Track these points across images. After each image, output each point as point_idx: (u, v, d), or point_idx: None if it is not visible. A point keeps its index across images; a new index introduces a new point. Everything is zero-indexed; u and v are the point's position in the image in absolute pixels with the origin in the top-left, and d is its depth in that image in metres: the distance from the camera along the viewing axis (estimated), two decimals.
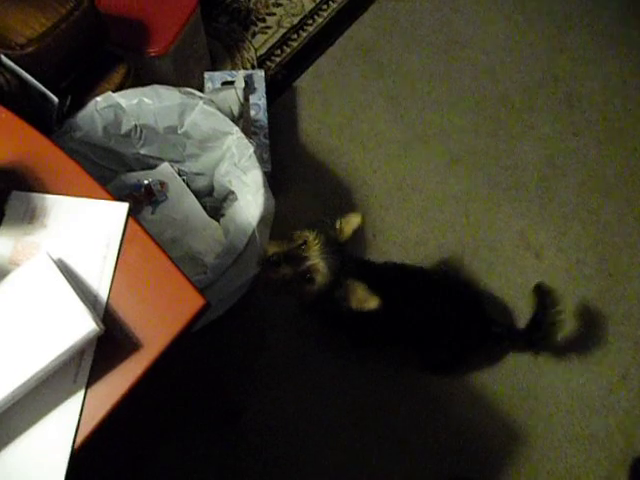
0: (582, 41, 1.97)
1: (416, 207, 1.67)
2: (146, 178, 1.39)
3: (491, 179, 1.73)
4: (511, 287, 1.60)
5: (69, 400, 0.63)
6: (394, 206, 1.67)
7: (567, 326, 1.54)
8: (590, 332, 1.56)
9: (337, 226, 1.13)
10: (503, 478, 1.41)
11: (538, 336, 1.37)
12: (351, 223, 1.13)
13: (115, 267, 0.67)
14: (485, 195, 1.71)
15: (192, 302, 0.66)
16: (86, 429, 0.63)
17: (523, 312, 1.56)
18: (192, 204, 1.41)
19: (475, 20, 1.98)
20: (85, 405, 0.63)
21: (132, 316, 0.66)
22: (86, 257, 0.67)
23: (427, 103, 1.82)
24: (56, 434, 0.61)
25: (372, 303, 1.06)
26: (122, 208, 0.70)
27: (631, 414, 1.49)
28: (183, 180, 1.42)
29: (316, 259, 1.08)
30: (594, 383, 1.51)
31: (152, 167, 1.41)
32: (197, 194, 1.42)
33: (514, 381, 1.49)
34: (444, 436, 1.44)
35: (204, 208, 1.41)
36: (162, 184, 1.40)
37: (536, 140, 1.79)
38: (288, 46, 1.84)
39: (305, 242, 1.11)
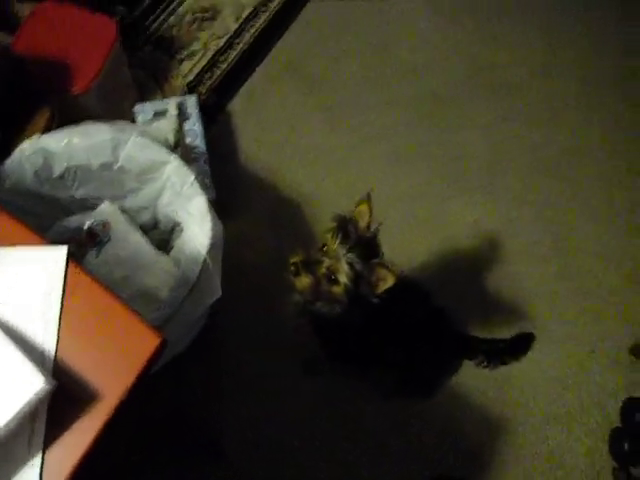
0: (502, 31, 2.02)
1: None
2: (87, 220, 1.33)
3: (435, 173, 1.74)
4: (472, 277, 1.61)
5: (24, 470, 0.57)
6: (345, 212, 1.65)
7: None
8: (554, 312, 1.59)
9: (352, 221, 1.09)
10: (489, 468, 1.41)
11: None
12: (362, 214, 1.10)
13: (60, 316, 0.63)
14: (434, 190, 1.72)
15: (148, 341, 0.62)
16: None
17: (487, 302, 1.57)
18: (138, 240, 1.36)
19: (398, 21, 2.00)
20: (45, 469, 0.58)
21: (85, 365, 0.62)
22: (26, 309, 0.63)
23: (363, 108, 1.82)
24: None
25: (390, 279, 1.01)
26: (60, 251, 0.65)
27: (603, 387, 1.50)
28: (126, 217, 1.37)
29: (333, 259, 1.04)
30: (564, 362, 1.53)
31: (92, 208, 1.35)
32: (142, 229, 1.37)
33: (487, 373, 1.48)
34: (428, 438, 1.42)
35: (151, 242, 1.37)
36: (104, 224, 1.34)
37: (474, 130, 1.82)
38: (217, 68, 1.81)
39: (324, 245, 1.07)
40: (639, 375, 1.51)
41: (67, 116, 1.31)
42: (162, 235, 1.40)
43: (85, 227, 1.32)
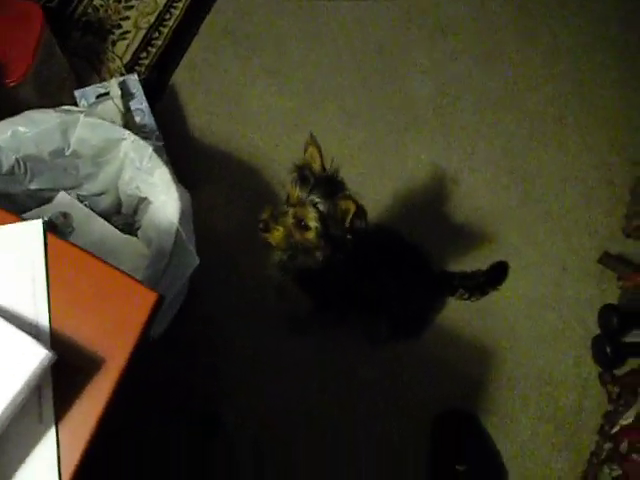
0: None
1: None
2: (45, 214, 1.29)
3: (390, 123, 1.75)
4: (439, 217, 1.63)
5: (41, 443, 0.56)
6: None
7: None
8: (522, 237, 1.63)
9: (306, 166, 1.08)
10: (486, 396, 1.45)
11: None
12: (313, 155, 1.09)
13: (48, 289, 0.60)
14: (390, 140, 1.72)
15: (144, 299, 0.61)
16: (69, 468, 0.56)
17: (457, 238, 1.60)
18: (102, 226, 1.32)
19: None
20: (61, 442, 0.56)
21: (83, 334, 0.60)
22: (11, 287, 0.60)
23: (308, 67, 1.80)
24: None
25: (351, 205, 1.01)
26: (36, 225, 0.63)
27: (579, 300, 1.56)
28: (85, 205, 1.33)
29: (298, 205, 1.03)
30: (540, 282, 1.58)
31: (48, 201, 1.30)
32: (104, 216, 1.33)
33: (468, 305, 1.51)
34: (423, 378, 1.45)
35: (116, 228, 1.33)
36: (64, 215, 1.30)
37: (421, 74, 1.82)
38: (152, 46, 1.76)
39: (288, 196, 1.06)
40: (610, 283, 1.57)
41: (5, 110, 1.25)
42: (126, 219, 1.36)
43: (45, 221, 1.27)
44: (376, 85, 1.80)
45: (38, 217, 1.23)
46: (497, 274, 1.52)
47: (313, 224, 1.03)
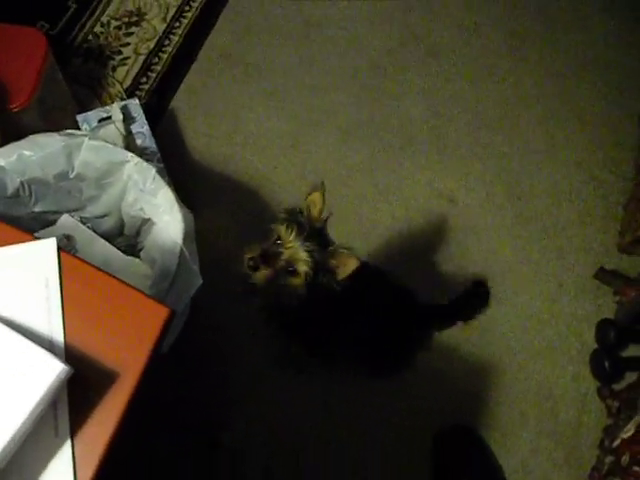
0: None
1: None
2: (49, 236, 1.29)
3: (385, 143, 1.78)
4: (435, 235, 1.65)
5: (57, 456, 0.57)
6: (303, 194, 1.66)
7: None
8: (519, 255, 1.65)
9: (304, 212, 1.08)
10: (486, 412, 1.45)
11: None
12: (316, 203, 1.08)
13: (62, 305, 0.62)
14: (385, 160, 1.75)
15: (156, 314, 0.63)
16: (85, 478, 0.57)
17: (454, 257, 1.62)
18: (105, 248, 1.34)
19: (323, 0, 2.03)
20: (76, 455, 0.57)
21: (97, 348, 0.61)
22: (27, 303, 0.62)
23: (304, 90, 1.84)
24: None
25: (353, 262, 1.01)
26: (50, 244, 0.65)
27: (576, 315, 1.58)
28: (88, 227, 1.34)
29: (292, 249, 1.03)
30: (536, 299, 1.60)
31: (52, 223, 1.32)
32: (107, 238, 1.35)
33: (467, 323, 1.53)
34: (422, 397, 1.46)
35: (118, 250, 1.35)
36: (68, 238, 1.32)
37: (415, 95, 1.86)
38: (152, 71, 1.79)
39: (278, 237, 1.06)
40: (606, 298, 1.59)
41: (9, 135, 1.27)
42: (128, 241, 1.38)
43: None
44: (371, 106, 1.84)
45: (43, 238, 1.27)
46: (479, 293, 1.55)
47: (304, 270, 1.03)
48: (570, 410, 1.47)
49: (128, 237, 1.38)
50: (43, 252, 0.64)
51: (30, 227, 1.27)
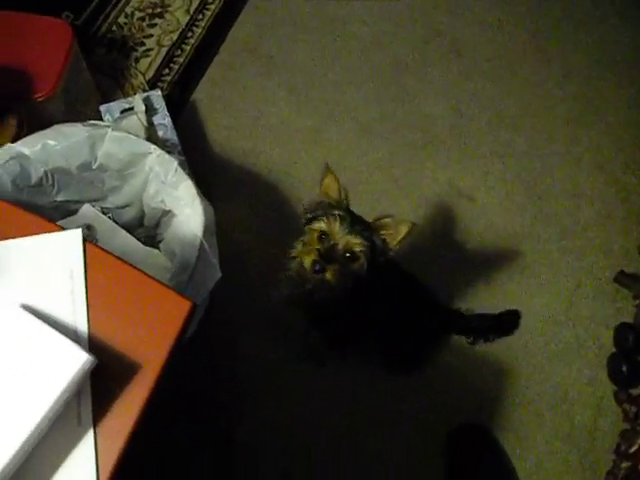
0: None
1: (344, 185, 1.68)
2: (70, 226, 1.31)
3: (406, 140, 1.77)
4: (456, 234, 1.64)
5: (80, 445, 0.58)
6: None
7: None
8: (537, 256, 1.64)
9: (327, 200, 1.10)
10: (501, 412, 1.45)
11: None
12: (332, 187, 1.11)
13: (86, 296, 0.63)
14: (405, 157, 1.75)
15: (179, 307, 0.63)
16: (107, 469, 0.58)
17: (472, 256, 1.61)
18: (125, 239, 1.35)
19: None
20: (98, 444, 0.58)
21: (120, 340, 0.62)
22: (52, 292, 0.63)
23: (326, 85, 1.84)
24: None
25: (405, 225, 1.03)
26: (76, 235, 0.65)
27: (594, 318, 1.56)
28: (109, 218, 1.36)
29: (343, 237, 1.04)
30: (555, 300, 1.58)
31: (73, 213, 1.33)
32: (127, 229, 1.36)
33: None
34: (437, 396, 1.45)
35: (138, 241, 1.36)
36: (88, 227, 1.33)
37: (436, 93, 1.85)
38: (175, 63, 1.80)
39: (323, 232, 1.07)
40: (625, 302, 1.57)
41: (35, 124, 1.29)
42: (148, 232, 1.39)
43: None
44: (393, 102, 1.83)
45: (65, 228, 1.28)
46: (507, 322, 1.53)
47: (361, 250, 1.05)
48: (586, 414, 1.46)
49: (148, 228, 1.39)
50: (68, 243, 0.65)
51: (51, 216, 1.29)
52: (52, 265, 0.64)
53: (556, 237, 1.67)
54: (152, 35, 1.85)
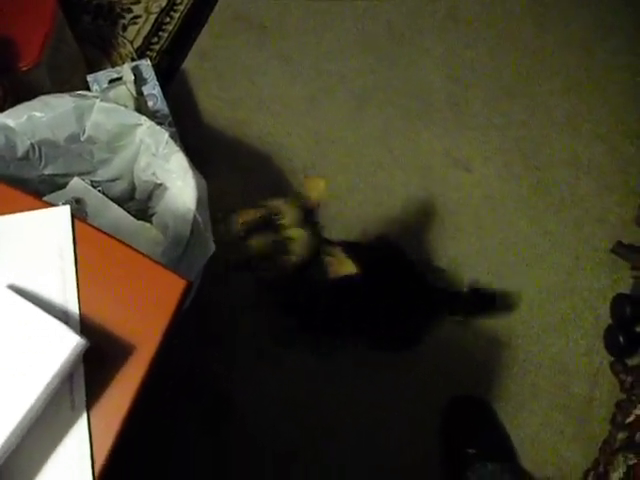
0: None
1: (339, 157, 1.65)
2: (59, 200, 1.28)
3: (402, 110, 1.73)
4: (450, 204, 1.62)
5: (74, 429, 0.56)
6: (318, 162, 1.64)
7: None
8: (535, 226, 1.62)
9: (303, 192, 1.05)
10: (499, 384, 1.45)
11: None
12: (317, 188, 1.05)
13: (77, 275, 0.60)
14: (401, 127, 1.71)
15: (173, 285, 0.61)
16: (102, 453, 0.56)
17: (471, 227, 1.60)
18: (116, 212, 1.32)
19: None
20: (92, 429, 0.56)
21: (113, 320, 0.60)
22: (41, 275, 0.60)
23: (320, 54, 1.79)
24: (70, 470, 0.55)
25: (349, 268, 0.98)
26: (64, 212, 0.62)
27: (591, 289, 1.56)
28: (99, 191, 1.32)
29: (294, 228, 1.00)
30: (551, 271, 1.57)
31: (62, 187, 1.30)
32: (118, 202, 1.33)
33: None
34: (435, 369, 1.45)
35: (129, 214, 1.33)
36: (78, 201, 1.29)
37: (433, 61, 1.81)
38: (164, 31, 1.74)
39: (278, 212, 1.03)
40: (623, 272, 1.56)
41: (19, 96, 1.24)
42: (139, 205, 1.35)
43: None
44: (388, 71, 1.79)
45: (53, 202, 1.25)
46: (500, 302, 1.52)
47: (299, 252, 1.01)
48: (582, 384, 1.46)
49: (139, 201, 1.35)
50: (56, 220, 0.62)
51: (39, 190, 1.25)
52: (40, 244, 0.61)
53: (554, 208, 1.65)
54: (140, 1, 1.78)
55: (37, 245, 0.61)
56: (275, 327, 1.43)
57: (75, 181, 1.30)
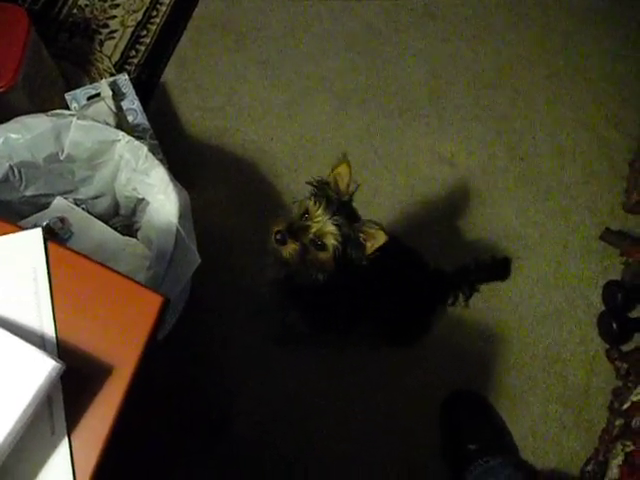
0: None
1: (324, 159, 1.65)
2: (42, 220, 1.27)
3: (384, 109, 1.73)
4: (437, 200, 1.62)
5: (55, 454, 0.55)
6: (303, 165, 1.64)
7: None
8: (522, 217, 1.62)
9: (332, 185, 1.05)
10: (494, 378, 1.45)
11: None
12: (342, 176, 1.06)
13: (52, 298, 0.60)
14: (385, 125, 1.71)
15: (150, 303, 0.60)
16: (84, 477, 0.56)
17: (458, 221, 1.60)
18: (101, 229, 1.31)
19: None
20: (74, 453, 0.56)
21: (91, 341, 0.59)
22: (14, 297, 0.60)
23: (298, 57, 1.78)
24: None
25: (382, 237, 0.99)
26: (36, 234, 0.62)
27: (582, 277, 1.57)
28: (83, 209, 1.32)
29: (320, 223, 1.00)
30: (542, 262, 1.57)
31: (45, 207, 1.29)
32: (102, 219, 1.32)
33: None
34: (431, 364, 1.45)
35: (115, 230, 1.32)
36: (62, 220, 1.29)
37: (412, 58, 1.81)
38: (141, 44, 1.74)
39: (307, 211, 1.02)
40: (612, 259, 1.57)
41: None
42: (124, 221, 1.35)
43: (43, 226, 1.26)
44: (368, 70, 1.79)
45: (36, 224, 1.24)
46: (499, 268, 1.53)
47: (332, 244, 1.01)
48: (579, 373, 1.46)
49: (124, 217, 1.35)
50: (29, 243, 0.61)
51: (22, 211, 1.25)
52: (13, 267, 0.61)
53: (541, 198, 1.65)
54: (115, 16, 1.78)
55: (10, 269, 0.61)
56: (279, 328, 1.43)
57: (58, 200, 1.30)
